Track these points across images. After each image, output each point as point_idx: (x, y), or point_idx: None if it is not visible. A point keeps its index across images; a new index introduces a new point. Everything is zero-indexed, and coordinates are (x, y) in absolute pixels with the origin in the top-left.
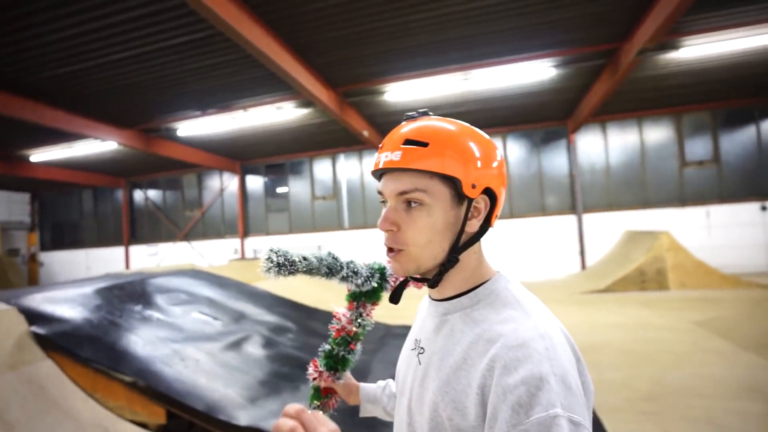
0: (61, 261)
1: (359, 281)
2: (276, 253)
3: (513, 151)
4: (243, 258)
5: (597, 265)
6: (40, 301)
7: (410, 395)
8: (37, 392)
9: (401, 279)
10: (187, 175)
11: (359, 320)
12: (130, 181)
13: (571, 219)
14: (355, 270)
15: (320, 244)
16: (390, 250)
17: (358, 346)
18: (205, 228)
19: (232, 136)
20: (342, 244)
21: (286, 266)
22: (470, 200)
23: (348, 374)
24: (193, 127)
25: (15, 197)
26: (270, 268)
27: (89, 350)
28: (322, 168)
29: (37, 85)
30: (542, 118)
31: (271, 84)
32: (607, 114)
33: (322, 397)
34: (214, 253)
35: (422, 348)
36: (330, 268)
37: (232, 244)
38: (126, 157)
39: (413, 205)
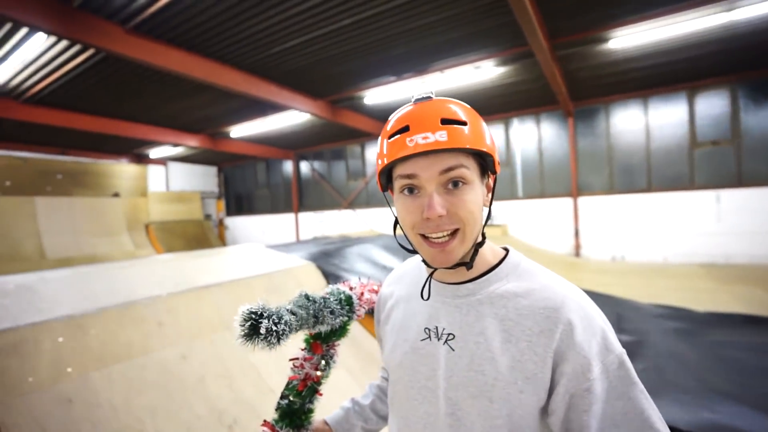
0: (241, 225)
1: (336, 321)
2: (268, 317)
3: (701, 112)
4: None
5: None
6: (321, 257)
7: (446, 385)
8: (352, 344)
9: (427, 275)
10: (350, 145)
11: (327, 361)
12: (298, 153)
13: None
14: (332, 309)
15: (494, 213)
16: (425, 238)
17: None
18: (368, 197)
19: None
20: (516, 213)
21: (278, 332)
22: (488, 176)
23: (313, 423)
24: (380, 94)
25: (207, 170)
26: (261, 337)
27: None
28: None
29: (257, 63)
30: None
31: (472, 42)
32: None
33: None
34: (377, 221)
35: (450, 334)
36: (316, 316)
37: None
38: (298, 129)
39: (459, 185)
